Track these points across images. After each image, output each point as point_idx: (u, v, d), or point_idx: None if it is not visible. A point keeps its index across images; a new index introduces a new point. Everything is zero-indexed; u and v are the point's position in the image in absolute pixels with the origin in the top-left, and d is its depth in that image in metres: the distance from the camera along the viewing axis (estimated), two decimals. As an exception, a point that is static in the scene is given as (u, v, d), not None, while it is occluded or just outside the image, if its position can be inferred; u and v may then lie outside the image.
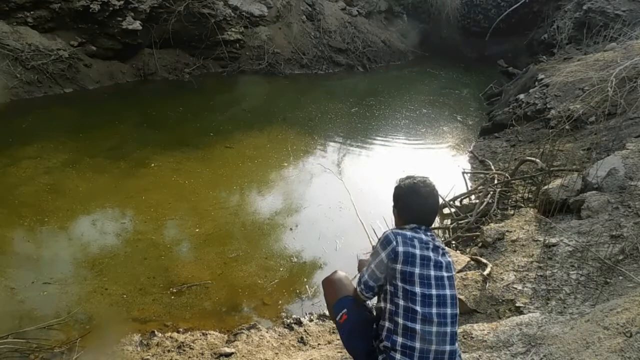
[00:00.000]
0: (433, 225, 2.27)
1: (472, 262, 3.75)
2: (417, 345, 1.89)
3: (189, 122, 7.77)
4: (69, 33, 8.59)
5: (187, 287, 3.89)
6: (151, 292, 3.82)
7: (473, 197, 5.54)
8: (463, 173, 6.06)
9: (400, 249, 1.96)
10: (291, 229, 4.93)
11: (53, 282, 3.82)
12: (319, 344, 3.24)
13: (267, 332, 3.36)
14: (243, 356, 3.03)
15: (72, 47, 8.57)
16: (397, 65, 13.08)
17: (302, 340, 3.29)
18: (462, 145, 7.67)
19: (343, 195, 5.60)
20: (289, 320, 3.54)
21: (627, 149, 4.67)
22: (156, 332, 3.31)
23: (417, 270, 1.94)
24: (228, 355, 3.03)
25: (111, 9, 8.54)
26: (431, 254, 2.00)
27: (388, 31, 13.60)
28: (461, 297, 3.22)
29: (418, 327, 1.89)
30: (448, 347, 1.92)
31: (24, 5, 7.96)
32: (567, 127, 6.33)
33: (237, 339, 3.24)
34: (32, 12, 8.09)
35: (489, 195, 5.09)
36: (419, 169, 6.52)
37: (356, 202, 5.40)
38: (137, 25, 8.95)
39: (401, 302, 1.93)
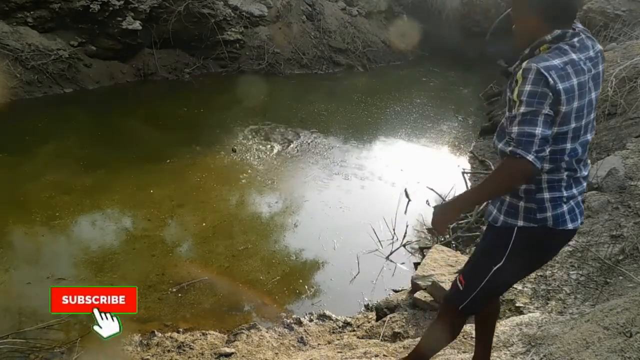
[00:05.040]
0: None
1: (472, 262, 3.75)
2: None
3: (195, 121, 7.81)
4: (69, 33, 8.58)
5: (187, 285, 3.90)
6: (157, 289, 3.86)
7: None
8: (463, 173, 6.05)
9: (560, 86, 1.54)
10: (295, 225, 5.00)
11: (65, 278, 3.83)
12: (318, 344, 3.24)
13: (267, 332, 3.36)
14: (243, 356, 3.02)
15: (72, 47, 8.56)
16: (397, 65, 13.05)
17: (302, 340, 3.29)
18: (462, 145, 7.66)
19: (343, 193, 5.61)
20: (289, 320, 3.54)
21: (627, 149, 4.67)
22: (156, 332, 3.31)
23: (575, 105, 1.59)
24: (228, 355, 3.03)
25: (111, 9, 8.53)
26: (587, 76, 1.62)
27: (388, 31, 13.56)
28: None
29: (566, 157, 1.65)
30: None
31: (24, 5, 7.95)
32: (567, 127, 6.32)
33: (237, 339, 3.24)
34: (32, 12, 8.08)
35: (489, 195, 5.07)
36: (419, 169, 6.54)
37: (355, 201, 5.42)
38: (137, 25, 8.94)
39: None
